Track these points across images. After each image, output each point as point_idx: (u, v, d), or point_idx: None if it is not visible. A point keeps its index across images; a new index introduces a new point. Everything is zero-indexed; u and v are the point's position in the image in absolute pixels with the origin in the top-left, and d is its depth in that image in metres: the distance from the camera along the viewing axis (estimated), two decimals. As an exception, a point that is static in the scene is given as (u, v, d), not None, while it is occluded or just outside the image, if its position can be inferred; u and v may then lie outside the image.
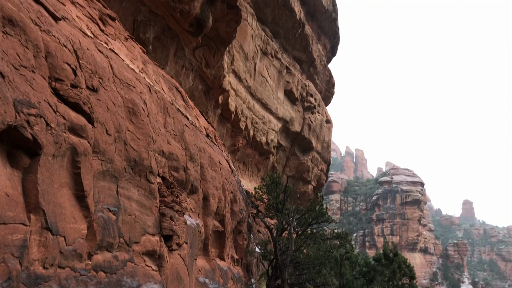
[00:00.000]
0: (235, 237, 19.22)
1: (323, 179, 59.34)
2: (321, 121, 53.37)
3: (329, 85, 58.62)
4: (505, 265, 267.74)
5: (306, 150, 52.34)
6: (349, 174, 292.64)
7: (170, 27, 21.87)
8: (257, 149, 41.87)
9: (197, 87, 27.12)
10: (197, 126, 16.25)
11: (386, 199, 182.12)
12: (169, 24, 21.69)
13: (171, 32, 22.19)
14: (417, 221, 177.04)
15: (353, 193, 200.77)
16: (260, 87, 39.58)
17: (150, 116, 11.30)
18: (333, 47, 56.69)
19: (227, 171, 17.79)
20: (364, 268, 11.57)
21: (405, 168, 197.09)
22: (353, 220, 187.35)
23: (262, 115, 41.00)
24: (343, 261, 12.51)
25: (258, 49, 38.08)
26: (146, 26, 20.49)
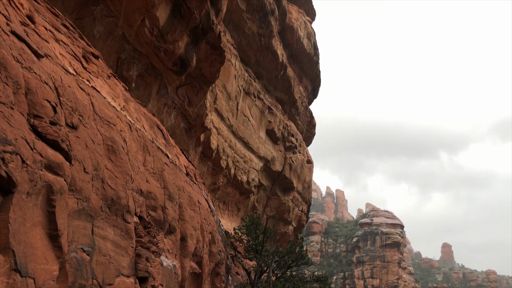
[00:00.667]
0: (213, 279, 18.77)
1: (304, 220, 59.03)
2: (302, 161, 53.67)
3: (310, 125, 59.41)
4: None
5: (287, 190, 52.28)
6: (330, 215, 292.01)
7: (154, 65, 22.09)
8: (237, 188, 41.66)
9: (179, 125, 27.15)
10: (177, 164, 16.15)
11: (367, 241, 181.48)
12: (153, 63, 21.91)
13: (155, 70, 22.39)
14: (397, 264, 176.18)
15: (333, 235, 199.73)
16: (242, 126, 39.85)
17: (129, 154, 11.20)
18: (314, 89, 57.84)
19: (206, 211, 17.57)
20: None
21: (385, 210, 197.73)
22: (334, 262, 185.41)
23: (243, 154, 41.07)
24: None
25: (241, 89, 38.61)
26: (130, 64, 20.65)
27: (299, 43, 47.75)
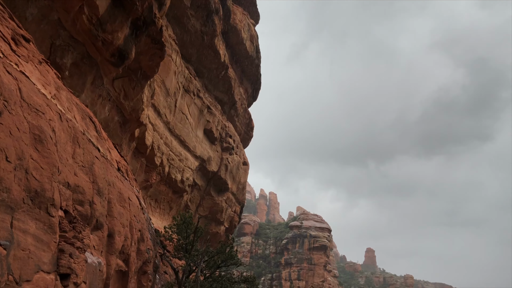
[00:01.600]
0: (139, 278, 18.34)
1: (236, 221, 59.27)
2: (238, 163, 53.90)
3: (248, 128, 59.84)
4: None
5: (222, 190, 52.25)
6: (262, 216, 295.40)
7: (90, 54, 21.23)
8: (171, 186, 41.00)
9: (113, 118, 26.29)
10: (108, 159, 15.63)
11: (295, 244, 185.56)
12: (89, 52, 21.05)
13: (91, 60, 21.52)
14: (323, 266, 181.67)
15: (264, 236, 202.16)
16: (179, 124, 39.31)
17: (58, 145, 10.69)
18: (254, 92, 58.35)
19: (136, 208, 17.15)
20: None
21: (314, 214, 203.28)
22: (262, 264, 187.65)
23: (179, 152, 40.51)
24: (248, 307, 12.40)
25: (180, 86, 38.10)
26: (64, 51, 19.70)
27: (242, 45, 47.97)
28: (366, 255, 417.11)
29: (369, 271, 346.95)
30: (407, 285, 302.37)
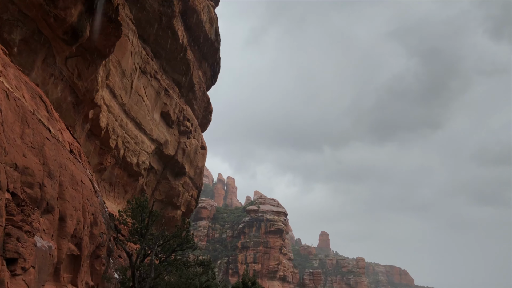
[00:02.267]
0: (93, 262, 17.99)
1: (193, 205, 59.05)
2: (196, 147, 53.49)
3: (206, 112, 59.37)
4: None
5: (179, 174, 51.78)
6: (219, 201, 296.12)
7: (41, 31, 20.25)
8: (126, 170, 40.22)
9: (66, 98, 25.33)
10: (60, 140, 15.10)
11: (252, 227, 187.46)
12: (40, 28, 20.08)
13: (42, 37, 20.55)
14: (279, 250, 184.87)
15: (221, 220, 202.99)
16: (135, 106, 38.45)
17: (4, 125, 10.21)
18: (213, 75, 57.80)
19: (89, 191, 16.73)
20: (223, 296, 11.57)
21: (271, 198, 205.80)
22: (219, 247, 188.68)
23: (135, 135, 39.69)
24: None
25: (137, 67, 37.17)
26: (12, 26, 18.70)
27: (201, 27, 47.22)
28: (320, 238, 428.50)
29: (323, 253, 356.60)
30: (359, 267, 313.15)
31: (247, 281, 10.71)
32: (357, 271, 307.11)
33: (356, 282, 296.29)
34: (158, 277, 19.33)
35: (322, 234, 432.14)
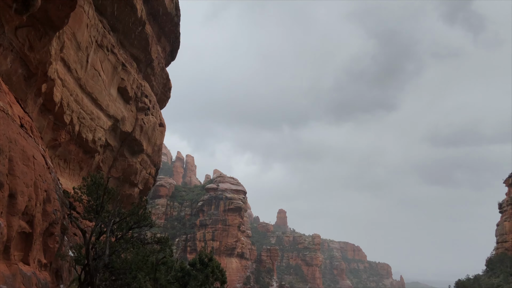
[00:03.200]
0: (46, 239, 17.57)
1: (151, 183, 58.41)
2: (154, 124, 52.64)
3: (165, 88, 58.33)
4: (308, 269, 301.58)
5: (136, 152, 50.92)
6: (178, 179, 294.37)
7: (-11, -2, 19.12)
8: (81, 146, 39.15)
9: (16, 71, 24.18)
10: (9, 114, 14.48)
11: (211, 205, 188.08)
12: (-13, -5, 18.95)
13: (-11, 5, 19.40)
14: (237, 227, 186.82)
15: (180, 198, 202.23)
16: (91, 81, 37.25)
17: None
18: (172, 51, 56.68)
19: (42, 168, 16.22)
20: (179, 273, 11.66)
21: (230, 177, 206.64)
22: (177, 225, 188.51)
23: (91, 110, 38.56)
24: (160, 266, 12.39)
25: (93, 40, 35.88)
26: (-44, -9, 17.55)
27: (161, 1, 45.97)
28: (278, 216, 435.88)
29: (280, 231, 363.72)
30: (315, 243, 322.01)
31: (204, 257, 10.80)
32: (313, 247, 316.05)
33: (312, 258, 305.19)
34: (113, 254, 19.13)
35: (280, 211, 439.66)
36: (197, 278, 11.46)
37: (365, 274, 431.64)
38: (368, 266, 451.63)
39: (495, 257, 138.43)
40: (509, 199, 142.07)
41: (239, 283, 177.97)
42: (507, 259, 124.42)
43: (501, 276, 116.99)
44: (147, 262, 17.99)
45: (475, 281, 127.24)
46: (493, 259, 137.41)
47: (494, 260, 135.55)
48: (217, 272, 11.50)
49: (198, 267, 11.63)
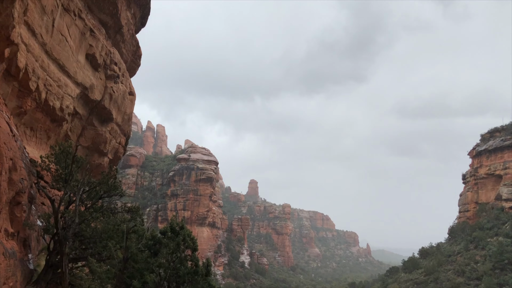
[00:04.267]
0: (12, 208, 17.26)
1: (121, 153, 57.68)
2: (124, 92, 51.57)
3: (135, 56, 56.96)
4: (278, 238, 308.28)
5: (105, 121, 49.96)
6: (149, 149, 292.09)
7: None
8: (49, 114, 38.07)
9: (-23, 34, 23.12)
10: (-28, 79, 13.92)
11: (182, 176, 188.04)
12: None
13: None
14: (209, 197, 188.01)
15: (150, 168, 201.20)
16: (58, 46, 35.94)
17: None
18: (143, 17, 55.10)
19: (7, 135, 15.76)
20: (150, 241, 11.71)
21: (202, 147, 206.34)
22: (148, 195, 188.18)
23: (58, 77, 37.36)
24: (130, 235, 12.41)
25: (59, 3, 34.44)
26: None
27: (130, -35, 44.34)
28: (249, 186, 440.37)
29: (252, 201, 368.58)
30: (285, 213, 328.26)
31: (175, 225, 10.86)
32: (283, 216, 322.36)
33: (282, 226, 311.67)
34: (83, 223, 19.00)
35: (251, 182, 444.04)
36: (168, 246, 11.56)
37: (333, 242, 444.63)
38: (336, 235, 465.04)
39: (457, 225, 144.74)
40: (473, 170, 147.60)
41: (210, 252, 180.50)
42: (468, 228, 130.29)
43: (461, 243, 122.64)
44: (118, 231, 17.95)
45: (438, 249, 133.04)
46: (455, 227, 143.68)
47: (456, 228, 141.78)
48: (188, 240, 11.62)
49: (169, 236, 11.69)
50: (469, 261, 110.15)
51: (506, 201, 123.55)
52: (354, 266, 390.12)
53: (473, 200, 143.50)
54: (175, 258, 12.25)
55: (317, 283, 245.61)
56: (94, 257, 18.85)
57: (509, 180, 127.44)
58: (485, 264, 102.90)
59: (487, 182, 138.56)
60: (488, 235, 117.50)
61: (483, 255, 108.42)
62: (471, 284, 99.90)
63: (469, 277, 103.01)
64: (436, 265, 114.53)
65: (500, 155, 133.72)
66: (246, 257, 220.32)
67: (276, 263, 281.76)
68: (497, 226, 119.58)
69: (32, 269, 20.15)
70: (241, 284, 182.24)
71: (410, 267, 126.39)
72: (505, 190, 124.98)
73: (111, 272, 13.10)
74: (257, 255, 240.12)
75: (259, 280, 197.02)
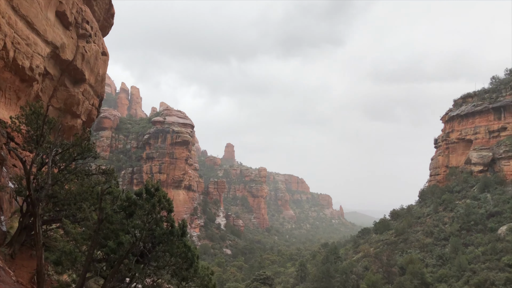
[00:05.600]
0: (-18, 170, 16.91)
1: (94, 114, 56.65)
2: (96, 52, 50.14)
3: (108, 14, 55.09)
4: (253, 200, 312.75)
5: (78, 81, 48.71)
6: (123, 111, 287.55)
7: None
8: (18, 74, 36.83)
9: None
10: None
11: (158, 139, 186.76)
12: None
13: None
14: (185, 160, 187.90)
15: (125, 131, 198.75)
16: (25, 3, 34.40)
17: None
18: (115, -26, 52.98)
19: (-26, 95, 15.24)
20: (125, 202, 11.74)
21: (178, 110, 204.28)
22: (123, 158, 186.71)
23: (26, 35, 35.95)
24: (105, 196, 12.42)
25: (26, -43, 32.74)
26: None
27: None
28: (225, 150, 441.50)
29: (228, 164, 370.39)
30: (261, 176, 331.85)
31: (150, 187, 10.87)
32: (259, 179, 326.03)
33: (258, 189, 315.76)
34: (57, 185, 18.81)
35: (227, 146, 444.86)
36: (143, 207, 11.61)
37: (307, 205, 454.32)
38: (311, 197, 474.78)
39: (427, 188, 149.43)
40: (444, 135, 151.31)
41: (186, 214, 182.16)
42: (438, 191, 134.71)
43: (431, 206, 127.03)
44: (92, 192, 17.87)
45: (408, 211, 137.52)
46: (426, 190, 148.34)
47: (426, 191, 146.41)
48: (163, 202, 11.67)
49: (144, 197, 11.72)
50: (438, 222, 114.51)
51: (475, 165, 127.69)
52: (327, 228, 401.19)
53: (444, 164, 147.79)
54: (151, 219, 12.32)
55: (291, 243, 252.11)
56: (69, 219, 18.80)
57: (478, 145, 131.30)
58: (452, 225, 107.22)
59: (457, 146, 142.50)
60: (457, 197, 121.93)
61: (451, 217, 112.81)
62: (438, 244, 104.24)
63: (437, 238, 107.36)
64: (406, 227, 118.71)
65: (471, 120, 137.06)
66: (222, 219, 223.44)
67: (251, 225, 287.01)
68: (465, 189, 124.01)
69: (4, 231, 20.01)
70: (217, 245, 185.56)
71: (381, 228, 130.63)
72: (474, 155, 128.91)
73: (86, 234, 13.14)
74: (233, 217, 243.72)
75: (234, 241, 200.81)
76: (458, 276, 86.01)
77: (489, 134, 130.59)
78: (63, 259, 12.87)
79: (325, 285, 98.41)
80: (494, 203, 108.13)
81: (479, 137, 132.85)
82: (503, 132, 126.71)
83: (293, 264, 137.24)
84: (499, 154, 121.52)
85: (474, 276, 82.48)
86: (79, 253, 12.91)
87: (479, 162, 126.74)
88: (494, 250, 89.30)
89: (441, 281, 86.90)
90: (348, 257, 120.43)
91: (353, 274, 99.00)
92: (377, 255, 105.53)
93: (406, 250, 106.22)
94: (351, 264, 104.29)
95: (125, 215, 12.71)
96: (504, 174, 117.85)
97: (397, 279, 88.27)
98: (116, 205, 12.84)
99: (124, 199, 12.63)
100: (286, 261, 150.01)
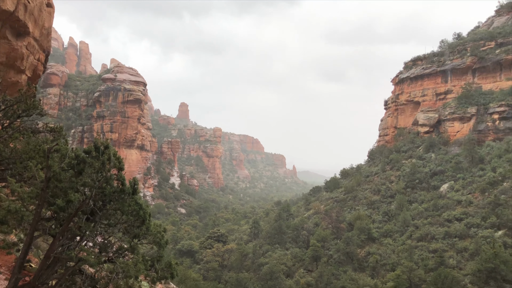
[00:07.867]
0: None
1: (40, 70, 53.93)
2: (41, 4, 47.21)
3: (52, -37, 51.61)
4: (208, 160, 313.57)
5: (21, 34, 45.93)
6: (72, 67, 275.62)
7: None
8: (-48, 24, 34.27)
9: None
10: None
11: (109, 97, 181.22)
12: None
13: None
14: (137, 119, 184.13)
15: (74, 88, 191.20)
16: None
17: None
18: None
19: None
20: (74, 160, 11.50)
21: (129, 67, 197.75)
22: (72, 116, 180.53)
23: (-40, -18, 33.28)
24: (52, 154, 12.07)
25: None
26: None
27: None
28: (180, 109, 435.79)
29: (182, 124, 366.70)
30: (216, 136, 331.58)
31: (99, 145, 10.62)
32: (214, 140, 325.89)
33: (212, 149, 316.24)
34: (0, 143, 18.11)
35: (181, 105, 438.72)
36: (93, 165, 11.39)
37: (261, 164, 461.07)
38: (265, 157, 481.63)
39: (376, 148, 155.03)
40: (394, 97, 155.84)
41: (140, 174, 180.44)
42: (386, 151, 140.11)
43: (379, 165, 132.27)
44: (39, 151, 17.33)
45: (357, 170, 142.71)
46: (374, 150, 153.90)
47: (375, 151, 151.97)
48: (113, 159, 11.47)
49: (94, 155, 11.46)
50: (385, 181, 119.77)
51: (421, 126, 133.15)
52: (281, 186, 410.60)
53: (393, 125, 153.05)
54: (101, 177, 12.20)
55: (246, 202, 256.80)
56: (15, 178, 18.24)
57: (426, 107, 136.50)
58: (398, 184, 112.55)
59: (406, 108, 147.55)
60: (403, 157, 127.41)
61: (398, 176, 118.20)
62: (385, 202, 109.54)
63: (383, 195, 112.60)
64: (355, 185, 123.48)
65: (420, 82, 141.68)
66: (176, 179, 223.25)
67: (206, 185, 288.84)
68: (412, 149, 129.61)
69: None
70: (171, 205, 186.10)
71: (332, 187, 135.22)
72: (421, 116, 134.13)
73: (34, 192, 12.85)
74: (187, 177, 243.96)
75: (189, 200, 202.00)
76: (402, 231, 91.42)
77: (436, 97, 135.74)
78: (8, 218, 12.58)
79: (277, 241, 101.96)
80: (438, 163, 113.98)
81: (427, 99, 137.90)
82: (449, 94, 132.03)
83: (246, 222, 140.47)
84: (445, 115, 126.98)
85: (416, 231, 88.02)
86: (26, 212, 12.66)
87: (426, 123, 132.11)
88: (435, 207, 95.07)
89: (386, 236, 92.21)
90: (299, 214, 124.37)
91: (304, 230, 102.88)
92: (327, 212, 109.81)
93: (354, 207, 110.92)
94: (302, 221, 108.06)
95: (74, 173, 12.49)
96: (448, 135, 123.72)
97: (345, 234, 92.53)
98: (64, 163, 12.57)
99: (72, 157, 12.37)
100: (240, 219, 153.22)
